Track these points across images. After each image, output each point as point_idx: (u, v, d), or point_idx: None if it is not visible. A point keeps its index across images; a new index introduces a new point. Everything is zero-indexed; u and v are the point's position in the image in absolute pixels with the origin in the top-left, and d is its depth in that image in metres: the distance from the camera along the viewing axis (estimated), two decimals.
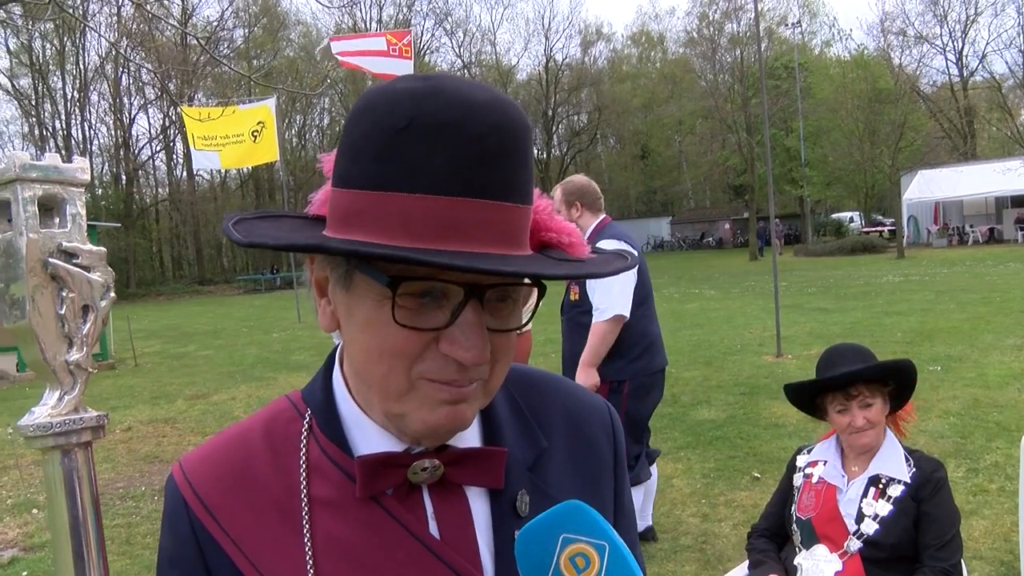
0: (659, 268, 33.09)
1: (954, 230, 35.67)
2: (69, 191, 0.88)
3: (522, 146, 0.74)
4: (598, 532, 0.76)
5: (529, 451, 0.90)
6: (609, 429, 1.00)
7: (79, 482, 0.87)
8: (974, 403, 7.08)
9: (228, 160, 18.53)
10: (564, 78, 58.90)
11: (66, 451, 0.86)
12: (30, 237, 0.84)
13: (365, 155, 0.73)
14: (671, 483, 5.66)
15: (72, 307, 0.88)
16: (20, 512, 6.05)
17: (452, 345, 0.74)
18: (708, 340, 12.23)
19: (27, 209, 0.84)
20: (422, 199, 0.70)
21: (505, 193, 0.73)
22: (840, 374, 2.54)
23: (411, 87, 0.73)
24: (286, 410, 0.90)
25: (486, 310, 0.75)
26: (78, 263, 0.88)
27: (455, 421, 0.78)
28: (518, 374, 0.97)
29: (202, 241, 52.96)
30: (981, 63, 46.48)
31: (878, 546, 2.42)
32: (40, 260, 0.85)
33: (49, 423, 0.86)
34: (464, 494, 0.85)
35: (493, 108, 0.72)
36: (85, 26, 32.07)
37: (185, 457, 0.89)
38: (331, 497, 0.83)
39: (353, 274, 0.76)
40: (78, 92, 49.83)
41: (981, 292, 15.59)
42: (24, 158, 0.85)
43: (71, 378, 0.89)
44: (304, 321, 20.28)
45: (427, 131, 0.70)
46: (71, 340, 0.89)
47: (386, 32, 15.68)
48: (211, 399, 10.45)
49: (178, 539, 0.85)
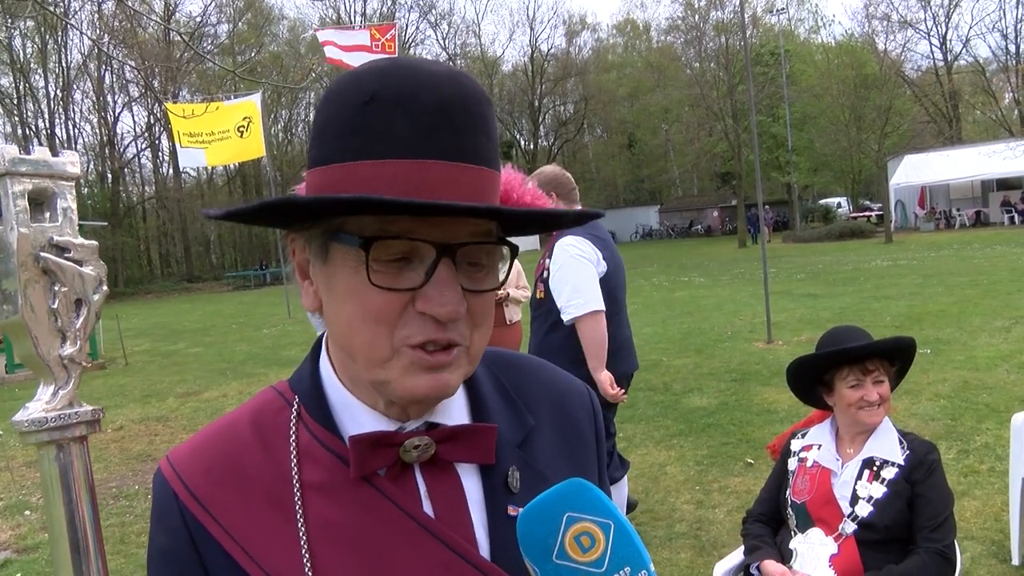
0: (648, 257, 33.14)
1: (941, 214, 35.82)
2: (59, 185, 0.88)
3: (481, 113, 0.77)
4: (602, 510, 0.75)
5: (517, 429, 0.91)
6: (590, 410, 1.02)
7: (75, 476, 0.87)
8: (964, 385, 7.13)
9: (214, 157, 18.38)
10: (550, 68, 58.88)
11: (61, 446, 0.86)
12: (21, 232, 0.84)
13: (332, 133, 0.76)
14: (664, 470, 5.68)
15: (65, 301, 0.88)
16: (12, 514, 6.02)
17: (428, 302, 0.75)
18: (698, 328, 12.27)
19: (17, 203, 0.84)
20: (389, 163, 0.73)
21: (469, 156, 0.75)
22: (863, 345, 2.56)
23: (373, 66, 0.77)
24: (273, 399, 0.90)
25: (461, 272, 0.77)
26: (70, 257, 0.88)
27: (438, 388, 0.78)
28: (502, 357, 0.99)
29: (190, 238, 52.73)
30: (965, 47, 46.78)
31: (873, 528, 2.43)
32: (31, 255, 0.85)
33: (44, 418, 0.86)
34: (456, 472, 0.86)
35: (451, 78, 0.76)
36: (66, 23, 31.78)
37: (172, 451, 0.89)
38: (323, 481, 0.83)
39: (329, 245, 0.78)
40: (61, 91, 49.47)
41: (969, 275, 15.68)
42: (13, 152, 0.85)
43: (65, 372, 0.89)
44: (294, 317, 20.23)
45: (389, 102, 0.74)
46: (64, 334, 0.88)
47: (370, 26, 15.59)
48: (202, 396, 10.42)
49: (170, 533, 0.84)
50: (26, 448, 8.00)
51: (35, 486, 6.66)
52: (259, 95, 18.31)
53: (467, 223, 0.76)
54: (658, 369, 9.25)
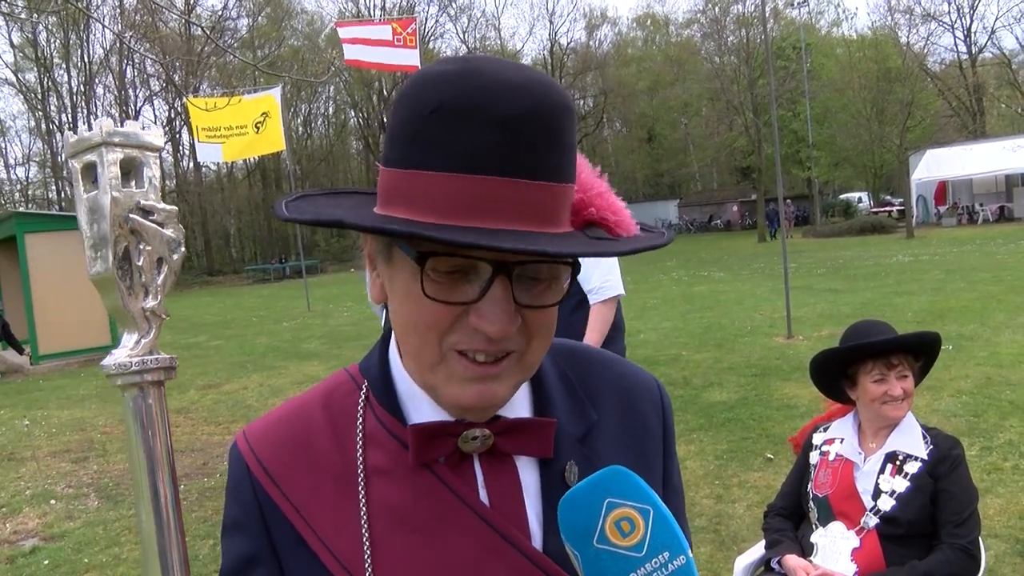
0: (667, 251, 32.97)
1: (963, 209, 35.41)
2: (145, 155, 0.97)
3: (556, 126, 0.75)
4: (642, 496, 0.77)
5: (579, 423, 0.92)
6: (659, 405, 1.01)
7: (154, 416, 0.94)
8: (987, 382, 7.07)
9: (231, 152, 18.52)
10: (569, 62, 58.66)
11: (142, 388, 0.93)
12: (114, 195, 0.92)
13: (401, 138, 0.76)
14: (684, 465, 5.67)
15: (148, 259, 0.96)
16: (39, 503, 6.10)
17: (480, 319, 0.76)
18: (718, 322, 12.22)
19: (111, 171, 0.93)
20: (448, 177, 0.72)
21: (533, 172, 0.73)
22: (888, 339, 2.54)
23: (443, 70, 0.75)
24: (344, 383, 0.93)
25: (519, 286, 0.77)
26: (154, 219, 0.96)
27: (484, 400, 0.80)
28: (569, 349, 1.00)
29: (210, 232, 53.06)
30: (990, 39, 46.11)
31: (895, 522, 2.42)
32: (122, 216, 0.93)
33: (128, 362, 0.93)
34: (514, 463, 0.87)
35: (526, 90, 0.73)
36: (89, 18, 32.05)
37: (249, 427, 0.94)
38: (386, 465, 0.86)
39: (392, 248, 0.80)
40: (84, 85, 49.92)
41: (992, 271, 15.52)
42: (109, 125, 0.94)
43: (147, 323, 0.96)
44: (314, 310, 20.35)
45: (453, 113, 0.72)
46: (147, 289, 0.96)
47: (391, 20, 15.60)
48: (223, 389, 10.51)
49: (241, 504, 0.89)
50: (50, 438, 8.12)
51: (60, 476, 6.75)
52: (279, 89, 18.42)
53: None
54: (678, 364, 9.23)
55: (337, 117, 58.48)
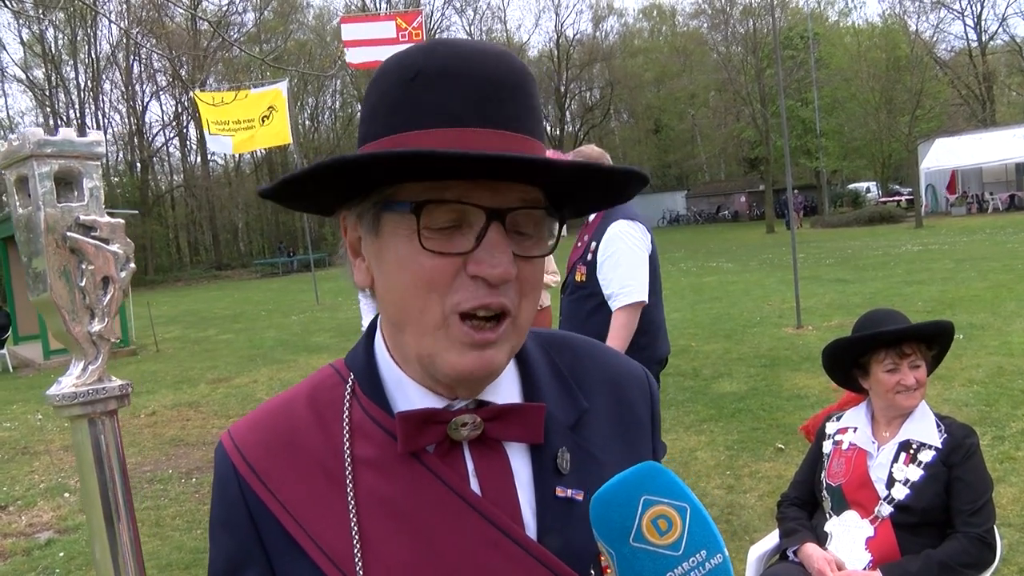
0: (676, 242, 32.94)
1: (973, 198, 35.20)
2: (85, 165, 0.90)
3: (525, 87, 0.80)
4: (679, 494, 0.75)
5: (570, 411, 0.91)
6: (647, 395, 1.01)
7: (107, 448, 0.89)
8: (998, 371, 7.04)
9: (240, 145, 18.55)
10: (575, 54, 58.52)
11: (92, 419, 0.89)
12: (48, 212, 0.86)
13: (382, 110, 0.79)
14: (695, 455, 5.67)
15: (92, 279, 0.90)
16: (53, 496, 6.15)
17: (479, 265, 0.76)
18: (727, 313, 12.20)
19: (44, 184, 0.86)
20: (433, 132, 0.75)
21: (514, 124, 0.77)
22: (901, 328, 2.53)
23: (413, 48, 0.80)
24: (329, 376, 0.92)
25: (510, 239, 0.78)
26: (96, 236, 0.90)
27: (482, 366, 0.79)
28: (558, 339, 0.99)
29: (218, 226, 53.20)
30: (1001, 26, 45.75)
31: (909, 511, 2.41)
32: (59, 234, 0.87)
33: (75, 392, 0.88)
34: (504, 451, 0.86)
35: (496, 55, 0.79)
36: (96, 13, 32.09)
37: (234, 426, 0.92)
38: (374, 456, 0.85)
39: (380, 216, 0.80)
40: (91, 81, 50.04)
41: (1002, 260, 15.44)
42: (38, 134, 0.87)
43: (94, 348, 0.91)
44: (322, 303, 20.38)
45: (434, 77, 0.76)
46: (92, 311, 0.91)
47: (396, 14, 15.56)
48: (233, 382, 10.54)
49: (228, 503, 0.87)
50: (63, 432, 8.15)
51: (73, 469, 6.78)
52: (285, 82, 18.41)
53: (516, 189, 0.77)
54: (687, 354, 9.22)
55: (344, 111, 58.43)
